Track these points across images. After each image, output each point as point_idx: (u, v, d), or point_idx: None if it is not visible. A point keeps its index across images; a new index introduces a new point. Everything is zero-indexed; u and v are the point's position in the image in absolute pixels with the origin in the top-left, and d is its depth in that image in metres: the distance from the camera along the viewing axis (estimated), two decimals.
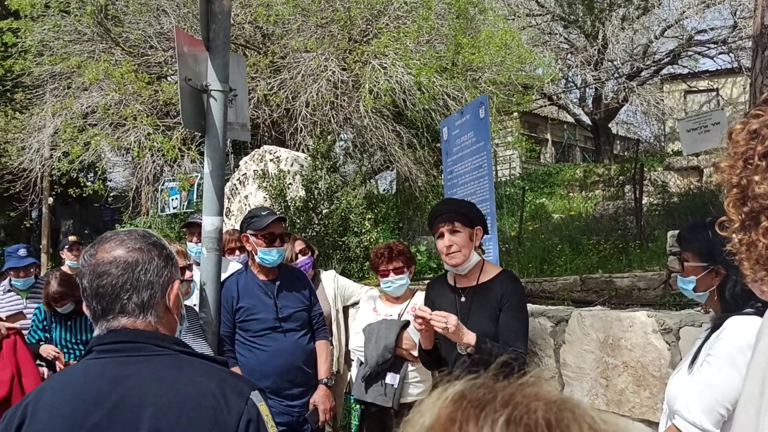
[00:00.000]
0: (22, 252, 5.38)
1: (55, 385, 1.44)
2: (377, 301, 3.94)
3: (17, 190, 13.55)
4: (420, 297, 3.69)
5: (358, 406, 3.76)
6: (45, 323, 4.83)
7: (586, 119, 23.40)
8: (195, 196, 14.10)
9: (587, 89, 22.54)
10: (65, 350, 4.84)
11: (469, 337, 2.67)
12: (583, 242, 8.05)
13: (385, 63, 10.07)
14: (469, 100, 9.78)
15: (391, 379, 3.63)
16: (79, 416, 1.34)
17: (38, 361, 4.50)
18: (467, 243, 2.85)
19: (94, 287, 1.44)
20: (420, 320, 2.72)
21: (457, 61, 10.57)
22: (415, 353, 3.62)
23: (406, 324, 3.65)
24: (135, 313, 1.45)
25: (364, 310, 3.94)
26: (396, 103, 10.35)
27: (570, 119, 26.30)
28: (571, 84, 23.58)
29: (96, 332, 1.48)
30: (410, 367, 3.69)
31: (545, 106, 24.04)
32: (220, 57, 3.30)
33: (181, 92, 3.23)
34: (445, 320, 2.65)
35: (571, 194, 15.62)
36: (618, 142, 27.30)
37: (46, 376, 4.29)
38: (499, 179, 18.63)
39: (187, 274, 3.25)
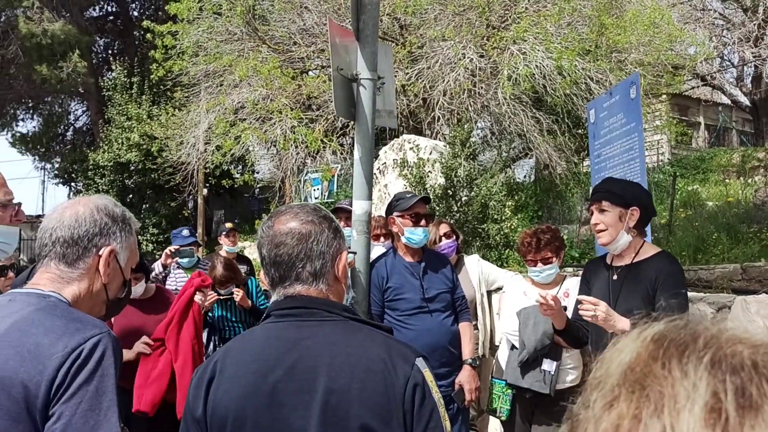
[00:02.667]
0: (185, 233, 5.88)
1: (240, 345, 1.57)
2: (526, 284, 3.92)
3: (176, 182, 14.70)
4: (571, 281, 3.63)
5: (510, 391, 3.75)
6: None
7: (745, 100, 21.62)
8: (335, 187, 14.59)
9: (745, 68, 20.83)
10: (226, 328, 5.23)
11: (623, 324, 2.61)
12: (742, 231, 7.49)
13: (525, 48, 9.89)
14: (614, 83, 9.38)
15: (549, 365, 3.60)
16: (261, 373, 1.46)
17: None
18: (615, 222, 2.83)
19: (272, 256, 1.56)
20: (545, 306, 2.72)
21: (601, 43, 10.16)
22: None
23: (564, 309, 3.61)
24: (309, 281, 1.55)
25: (513, 293, 3.93)
26: (535, 89, 10.13)
27: (725, 100, 24.42)
28: (727, 62, 21.90)
29: (273, 298, 1.60)
30: (565, 354, 3.64)
31: (697, 87, 22.47)
32: (370, 46, 3.41)
33: (333, 82, 3.38)
34: (593, 308, 2.62)
35: (727, 180, 14.54)
36: None
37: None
38: (646, 165, 17.69)
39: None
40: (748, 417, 0.51)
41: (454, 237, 4.31)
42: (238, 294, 5.03)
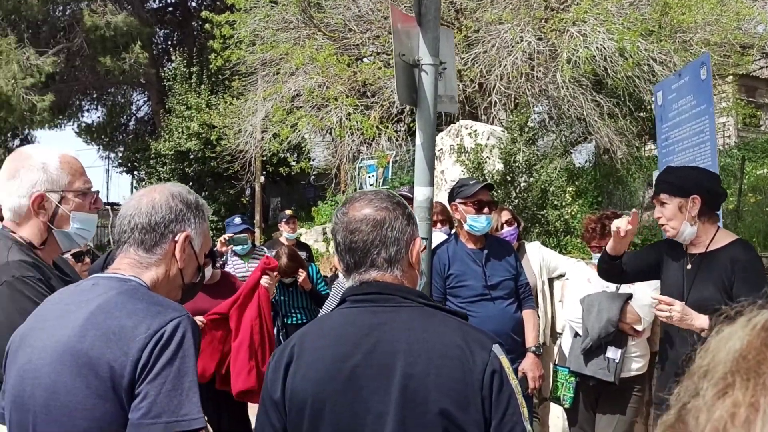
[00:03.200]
0: (237, 221, 5.98)
1: (316, 330, 1.59)
2: (590, 271, 3.85)
3: (235, 170, 14.96)
4: None
5: (573, 378, 3.70)
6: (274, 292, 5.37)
7: None
8: (390, 173, 14.62)
9: None
10: (288, 313, 5.35)
11: (701, 322, 2.56)
12: None
13: (585, 30, 9.65)
14: (679, 64, 9.06)
15: (613, 353, 3.53)
16: (339, 358, 1.48)
17: None
18: (675, 214, 2.76)
19: (347, 242, 1.57)
20: (617, 229, 2.82)
21: (665, 23, 9.83)
22: (639, 327, 3.51)
23: (629, 297, 3.53)
24: (384, 267, 1.55)
25: (576, 280, 3.87)
26: (596, 72, 9.89)
27: None
28: None
29: (348, 284, 1.61)
30: (631, 342, 3.57)
31: (766, 67, 21.56)
32: (431, 31, 3.38)
33: (396, 68, 3.37)
34: (668, 309, 2.57)
35: None
36: None
37: None
38: None
39: None
40: None
41: (516, 224, 4.27)
42: (301, 275, 5.17)
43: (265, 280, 4.01)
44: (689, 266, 2.81)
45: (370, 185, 14.84)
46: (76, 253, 4.02)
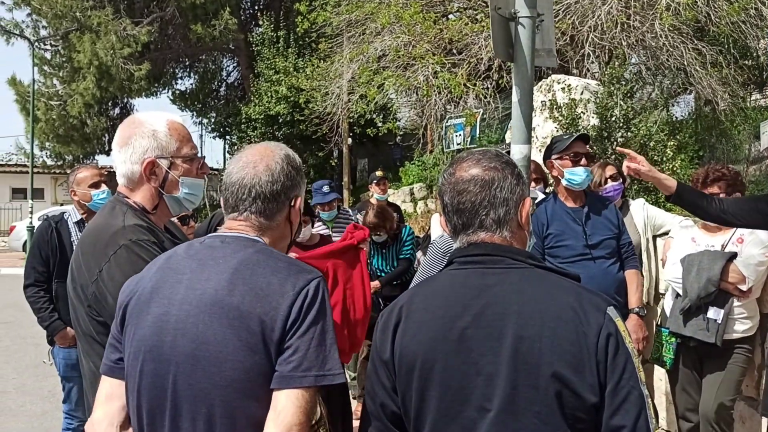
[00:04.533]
0: (326, 189, 5.83)
1: (425, 291, 1.58)
2: (695, 231, 3.68)
3: (323, 132, 15.14)
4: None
5: (674, 340, 3.59)
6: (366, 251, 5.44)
7: None
8: (477, 132, 14.40)
9: None
10: (380, 275, 5.40)
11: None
12: None
13: None
14: None
15: (714, 313, 3.39)
16: (449, 319, 1.46)
17: None
18: None
19: (455, 203, 1.54)
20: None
21: None
22: (743, 287, 3.35)
23: (733, 256, 3.37)
24: (492, 228, 1.52)
25: (680, 239, 3.71)
26: (697, 19, 9.31)
27: None
28: None
29: (456, 245, 1.59)
30: (736, 303, 3.41)
31: None
32: None
33: (492, 22, 3.28)
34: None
35: None
36: None
37: None
38: None
39: None
40: None
41: (621, 180, 4.11)
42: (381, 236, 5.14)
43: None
44: None
45: (458, 144, 14.69)
46: (182, 217, 4.20)
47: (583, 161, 3.58)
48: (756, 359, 3.60)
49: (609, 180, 4.07)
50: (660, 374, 4.35)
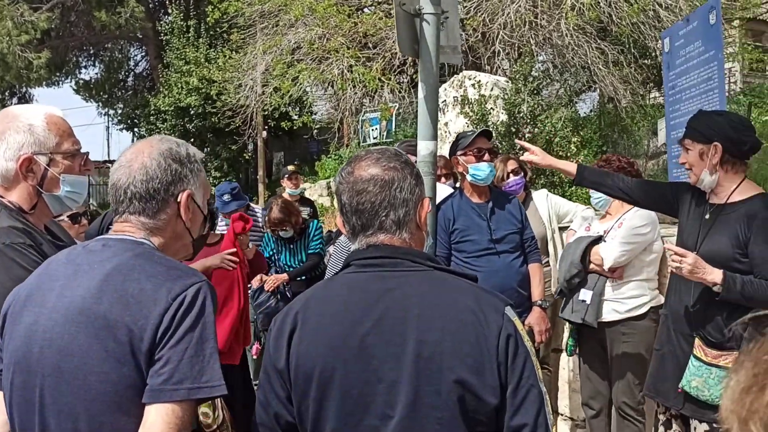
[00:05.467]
0: (226, 197, 5.37)
1: (321, 296, 1.53)
2: (593, 221, 3.82)
3: (236, 125, 14.83)
4: (633, 212, 3.48)
5: (572, 327, 3.74)
6: (273, 247, 5.34)
7: None
8: (394, 126, 14.48)
9: None
10: (288, 270, 5.32)
11: (714, 276, 2.51)
12: None
13: None
14: (685, 9, 8.86)
15: (583, 295, 3.55)
16: (349, 325, 1.43)
17: None
18: (697, 161, 2.69)
19: (354, 204, 1.50)
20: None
21: None
22: (605, 267, 3.48)
23: (598, 239, 3.53)
24: (392, 230, 1.50)
25: (579, 230, 3.85)
26: (600, 19, 9.69)
27: None
28: None
29: (354, 247, 1.55)
30: (610, 283, 3.54)
31: None
32: None
33: (396, 18, 3.28)
34: (679, 260, 2.53)
35: None
36: None
37: None
38: None
39: None
40: None
41: (522, 173, 4.22)
42: (288, 232, 5.12)
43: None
44: (707, 216, 2.73)
45: (374, 138, 14.72)
46: (73, 215, 3.99)
47: (486, 156, 3.63)
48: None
49: (511, 174, 4.16)
50: (564, 363, 4.50)
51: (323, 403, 1.42)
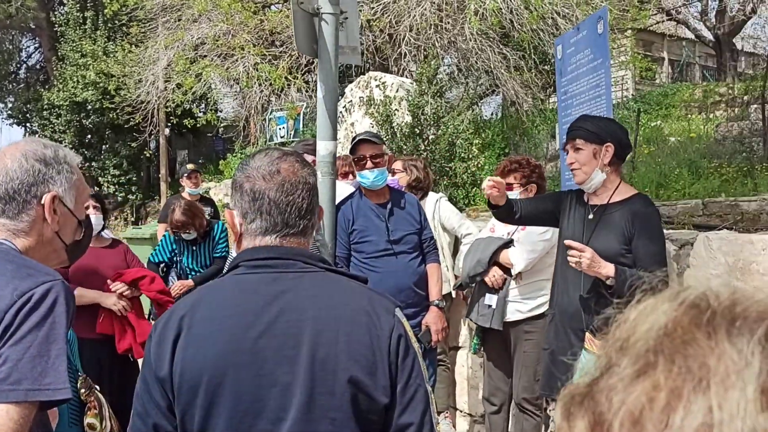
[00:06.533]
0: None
1: (209, 299, 1.47)
2: (494, 221, 3.93)
3: (137, 121, 14.28)
4: None
5: (476, 326, 3.83)
6: (174, 249, 5.15)
7: (708, 35, 21.70)
8: (301, 125, 14.36)
9: (710, 1, 20.82)
10: (191, 275, 5.16)
11: (608, 270, 2.66)
12: (703, 166, 7.59)
13: None
14: (581, 18, 9.25)
15: (489, 299, 3.65)
16: (240, 329, 1.39)
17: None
18: (590, 160, 2.83)
19: (280, 202, 1.46)
20: (492, 185, 2.98)
21: None
22: (513, 272, 3.60)
23: (510, 242, 3.64)
24: (290, 232, 1.48)
25: (484, 231, 3.96)
26: (502, 24, 9.97)
27: (689, 35, 24.47)
28: None
29: (244, 246, 1.50)
30: (513, 285, 3.66)
31: (663, 21, 22.43)
32: None
33: (294, 16, 3.24)
34: (579, 255, 2.65)
35: (689, 116, 14.69)
36: (743, 58, 25.21)
37: None
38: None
39: None
40: None
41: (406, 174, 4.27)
42: (192, 234, 4.96)
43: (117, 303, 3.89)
44: (591, 216, 2.88)
45: (281, 137, 14.54)
46: None
47: (369, 164, 3.63)
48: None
49: (393, 173, 4.20)
50: (462, 360, 4.60)
51: (211, 410, 1.37)
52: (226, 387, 1.37)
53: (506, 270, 3.69)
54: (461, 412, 4.62)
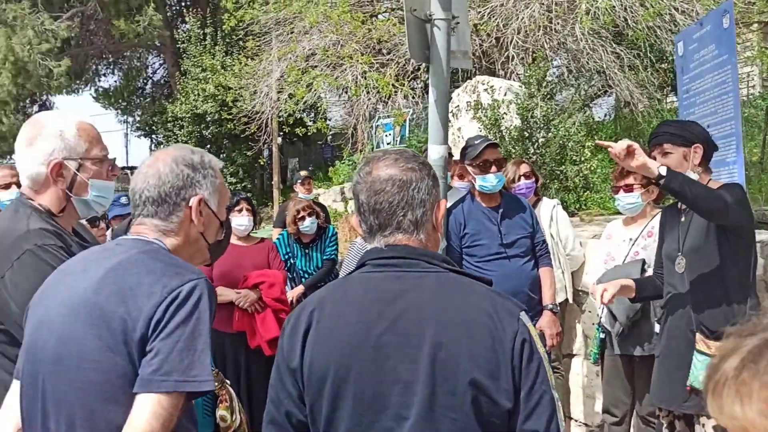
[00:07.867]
0: (124, 200, 5.09)
1: (336, 295, 1.53)
2: (615, 225, 3.80)
3: (252, 131, 14.93)
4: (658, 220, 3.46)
5: (598, 335, 3.67)
6: (288, 252, 5.35)
7: None
8: (407, 131, 14.48)
9: None
10: (304, 277, 5.34)
11: (659, 167, 2.55)
12: None
13: None
14: (701, 13, 8.79)
15: (658, 327, 3.44)
16: (364, 325, 1.43)
17: None
18: (681, 163, 2.76)
19: (372, 203, 1.50)
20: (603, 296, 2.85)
21: None
22: None
23: (643, 263, 3.46)
24: (410, 230, 1.50)
25: (602, 237, 3.84)
26: (616, 23, 9.65)
27: None
28: None
29: (370, 246, 1.55)
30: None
31: None
32: None
33: (407, 24, 3.30)
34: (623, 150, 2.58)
35: None
36: None
37: None
38: None
39: None
40: None
41: (534, 179, 4.20)
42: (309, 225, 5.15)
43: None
44: (683, 218, 2.86)
45: (387, 144, 14.72)
46: (91, 218, 4.05)
47: (493, 169, 3.63)
48: None
49: (522, 178, 4.15)
50: (577, 368, 4.48)
51: (337, 403, 1.42)
52: (351, 381, 1.41)
53: None
54: (576, 421, 4.50)
